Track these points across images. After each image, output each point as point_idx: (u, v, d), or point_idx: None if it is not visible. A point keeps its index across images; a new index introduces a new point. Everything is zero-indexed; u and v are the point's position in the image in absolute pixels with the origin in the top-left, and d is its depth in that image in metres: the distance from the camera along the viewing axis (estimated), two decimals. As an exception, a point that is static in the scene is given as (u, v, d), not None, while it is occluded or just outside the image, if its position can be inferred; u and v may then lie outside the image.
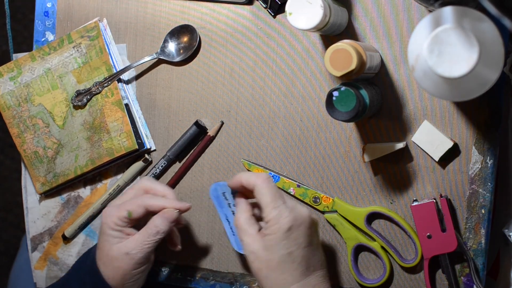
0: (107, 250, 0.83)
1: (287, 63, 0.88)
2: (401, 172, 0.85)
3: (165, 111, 0.94)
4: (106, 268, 0.83)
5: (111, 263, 0.83)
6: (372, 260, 0.87)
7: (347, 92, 0.74)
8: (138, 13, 0.95)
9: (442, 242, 0.82)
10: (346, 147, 0.87)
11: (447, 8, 0.65)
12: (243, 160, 0.91)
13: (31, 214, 1.01)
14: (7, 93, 0.98)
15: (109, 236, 0.83)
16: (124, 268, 0.83)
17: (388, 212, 0.85)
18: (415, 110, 0.84)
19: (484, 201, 0.82)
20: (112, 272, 0.83)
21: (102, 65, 0.94)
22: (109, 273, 0.83)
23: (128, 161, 0.96)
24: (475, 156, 0.82)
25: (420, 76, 0.67)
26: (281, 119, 0.89)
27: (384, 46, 0.84)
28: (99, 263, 0.84)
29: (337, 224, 0.86)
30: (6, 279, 1.19)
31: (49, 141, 0.97)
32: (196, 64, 0.93)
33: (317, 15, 0.74)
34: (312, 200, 0.88)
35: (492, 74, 0.64)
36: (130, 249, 0.82)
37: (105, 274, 0.83)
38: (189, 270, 0.94)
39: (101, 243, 0.84)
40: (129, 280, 0.84)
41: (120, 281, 0.83)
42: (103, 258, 0.84)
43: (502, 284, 0.91)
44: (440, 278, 0.85)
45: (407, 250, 0.86)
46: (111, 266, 0.83)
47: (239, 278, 0.92)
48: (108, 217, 0.84)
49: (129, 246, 0.83)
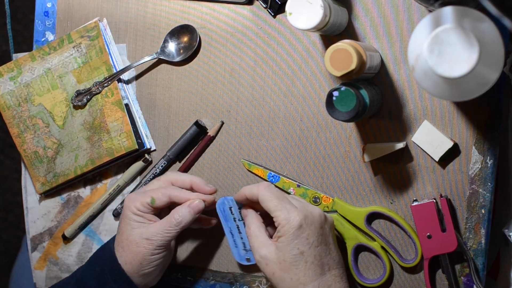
0: (128, 234, 0.83)
1: (288, 62, 0.88)
2: (401, 172, 0.85)
3: (165, 111, 0.94)
4: (125, 252, 0.83)
5: (130, 247, 0.83)
6: (372, 260, 0.87)
7: (347, 92, 0.74)
8: (138, 13, 0.95)
9: (442, 242, 0.82)
10: (346, 147, 0.87)
11: (447, 8, 0.65)
12: (243, 160, 0.91)
13: (31, 214, 1.01)
14: (7, 93, 0.98)
15: (130, 220, 0.84)
16: (143, 253, 0.83)
17: (388, 212, 0.85)
18: (415, 110, 0.84)
19: (484, 201, 0.82)
20: (130, 257, 0.83)
21: (102, 65, 0.94)
22: (126, 258, 0.83)
23: (128, 161, 0.96)
24: (475, 156, 0.82)
25: (420, 76, 0.67)
26: (281, 118, 0.89)
27: (384, 46, 0.84)
28: (118, 247, 0.84)
29: (337, 224, 0.87)
30: (7, 279, 1.19)
31: (49, 141, 0.97)
32: (196, 64, 0.93)
33: (317, 15, 0.74)
34: (312, 200, 0.88)
35: (492, 74, 0.64)
36: (151, 235, 0.83)
37: (123, 259, 0.83)
38: (189, 270, 0.94)
39: (121, 228, 0.84)
40: (146, 267, 0.84)
41: (137, 266, 0.83)
42: (123, 242, 0.84)
43: (502, 284, 0.91)
44: (440, 278, 0.85)
45: (407, 250, 0.86)
46: (130, 251, 0.83)
47: (239, 278, 0.92)
48: (132, 201, 0.84)
49: (150, 231, 0.83)
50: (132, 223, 0.84)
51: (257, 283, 0.91)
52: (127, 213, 0.84)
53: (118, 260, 0.84)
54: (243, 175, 0.91)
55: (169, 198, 0.84)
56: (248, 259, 0.89)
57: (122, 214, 0.85)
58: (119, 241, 0.85)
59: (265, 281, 0.91)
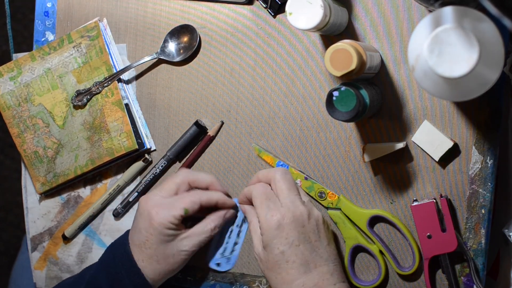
0: (163, 248, 0.83)
1: (288, 62, 0.88)
2: (401, 172, 0.85)
3: (165, 111, 0.94)
4: (160, 265, 0.84)
5: (166, 261, 0.84)
6: (369, 262, 0.87)
7: (347, 92, 0.74)
8: (138, 13, 0.95)
9: (442, 242, 0.82)
10: (346, 147, 0.87)
11: (447, 8, 0.65)
12: (254, 144, 0.90)
13: (31, 214, 1.01)
14: (7, 93, 0.98)
15: (165, 235, 0.83)
16: (178, 263, 0.85)
17: (392, 217, 0.84)
18: (415, 110, 0.84)
19: (484, 201, 0.82)
20: (166, 268, 0.84)
21: (102, 65, 0.94)
22: (161, 270, 0.84)
23: (128, 161, 0.96)
24: (475, 156, 0.82)
25: (420, 76, 0.67)
26: (281, 118, 0.89)
27: (385, 46, 0.84)
28: (150, 260, 0.84)
29: (339, 222, 0.86)
30: (7, 279, 1.19)
31: (49, 141, 0.97)
32: (196, 64, 0.93)
33: (317, 15, 0.74)
34: (318, 195, 0.88)
35: (492, 74, 0.64)
36: (188, 247, 0.84)
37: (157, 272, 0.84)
38: (189, 270, 0.94)
39: (153, 244, 0.83)
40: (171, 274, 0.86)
41: (165, 276, 0.85)
42: (157, 256, 0.84)
43: (502, 284, 0.91)
44: (440, 278, 0.85)
45: (405, 258, 0.86)
46: (166, 263, 0.84)
47: (239, 278, 0.92)
48: (164, 218, 0.83)
49: (186, 243, 0.84)
50: (166, 238, 0.84)
51: (257, 283, 0.91)
52: (161, 230, 0.83)
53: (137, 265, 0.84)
54: (243, 175, 0.91)
55: (201, 204, 0.84)
56: (218, 264, 0.91)
57: (151, 229, 0.83)
58: (151, 255, 0.84)
59: (265, 281, 0.91)
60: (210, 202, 0.85)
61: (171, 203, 0.84)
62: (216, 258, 0.91)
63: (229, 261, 0.92)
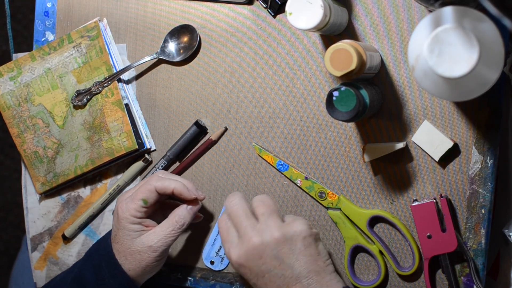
0: (129, 244, 0.84)
1: (288, 62, 0.88)
2: (401, 172, 0.85)
3: (165, 111, 0.94)
4: (128, 260, 0.84)
5: (133, 256, 0.84)
6: (369, 262, 0.87)
7: (347, 92, 0.74)
8: (138, 13, 0.95)
9: (442, 242, 0.82)
10: (346, 147, 0.87)
11: (447, 8, 0.65)
12: (254, 144, 0.90)
13: (31, 214, 1.01)
14: (7, 93, 0.98)
15: (129, 231, 0.84)
16: (147, 260, 0.84)
17: (392, 218, 0.84)
18: (415, 110, 0.84)
19: (484, 201, 0.82)
20: (134, 264, 0.84)
21: (102, 65, 0.94)
22: (130, 266, 0.84)
23: (128, 161, 0.96)
24: (475, 156, 0.82)
25: (420, 76, 0.67)
26: (281, 118, 0.89)
27: (385, 46, 0.84)
28: (119, 256, 0.85)
29: (339, 222, 0.86)
30: (7, 279, 1.19)
31: (49, 141, 0.97)
32: (196, 64, 0.93)
33: (317, 15, 0.74)
34: (318, 195, 0.88)
35: (492, 74, 0.64)
36: (154, 242, 0.84)
37: (126, 267, 0.84)
38: (189, 270, 0.94)
39: (120, 238, 0.85)
40: (149, 270, 0.85)
41: (141, 272, 0.85)
42: (125, 252, 0.84)
43: (502, 284, 0.91)
44: (440, 278, 0.85)
45: (405, 258, 0.86)
46: (133, 259, 0.84)
47: (239, 278, 0.92)
48: (126, 211, 0.84)
49: (152, 239, 0.84)
50: (131, 233, 0.84)
51: (257, 283, 0.91)
52: (124, 224, 0.84)
53: (115, 257, 0.85)
54: (243, 175, 0.91)
55: (156, 191, 0.84)
56: (212, 262, 0.92)
57: (118, 225, 0.85)
58: (120, 251, 0.85)
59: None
60: (167, 190, 0.84)
61: (131, 197, 0.85)
62: (211, 256, 0.92)
63: (223, 261, 0.92)
